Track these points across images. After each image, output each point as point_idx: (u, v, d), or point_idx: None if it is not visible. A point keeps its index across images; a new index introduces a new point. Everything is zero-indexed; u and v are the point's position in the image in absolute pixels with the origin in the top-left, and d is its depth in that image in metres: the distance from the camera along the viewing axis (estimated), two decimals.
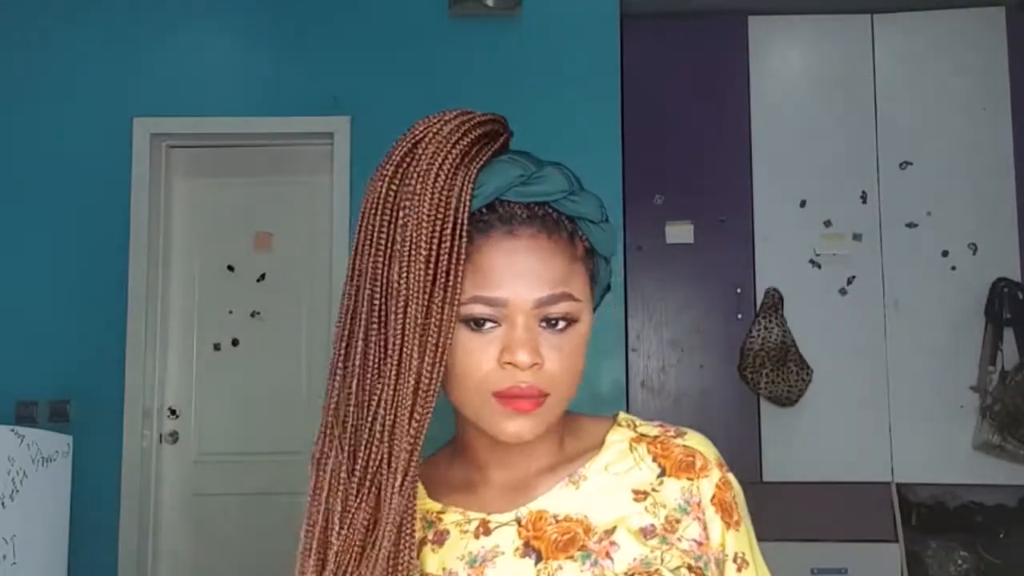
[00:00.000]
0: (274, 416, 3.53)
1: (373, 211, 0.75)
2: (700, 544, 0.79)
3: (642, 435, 0.85)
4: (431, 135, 0.75)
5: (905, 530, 3.33)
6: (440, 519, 0.82)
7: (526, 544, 0.79)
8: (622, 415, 0.88)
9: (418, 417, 0.72)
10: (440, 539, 0.81)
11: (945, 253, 3.48)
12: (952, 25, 3.60)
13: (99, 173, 3.50)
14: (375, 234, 0.74)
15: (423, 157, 0.74)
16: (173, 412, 3.56)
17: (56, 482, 3.03)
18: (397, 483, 0.71)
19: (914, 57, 3.61)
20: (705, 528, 0.80)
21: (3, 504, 2.47)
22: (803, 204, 3.55)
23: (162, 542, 3.50)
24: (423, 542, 0.81)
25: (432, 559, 0.80)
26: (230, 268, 3.60)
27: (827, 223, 3.53)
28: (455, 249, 0.72)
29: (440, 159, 0.73)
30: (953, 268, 3.47)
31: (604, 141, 3.47)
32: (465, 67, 3.52)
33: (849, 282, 3.51)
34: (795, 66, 3.69)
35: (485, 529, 0.80)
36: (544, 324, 0.75)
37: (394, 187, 0.74)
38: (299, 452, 3.51)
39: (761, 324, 3.43)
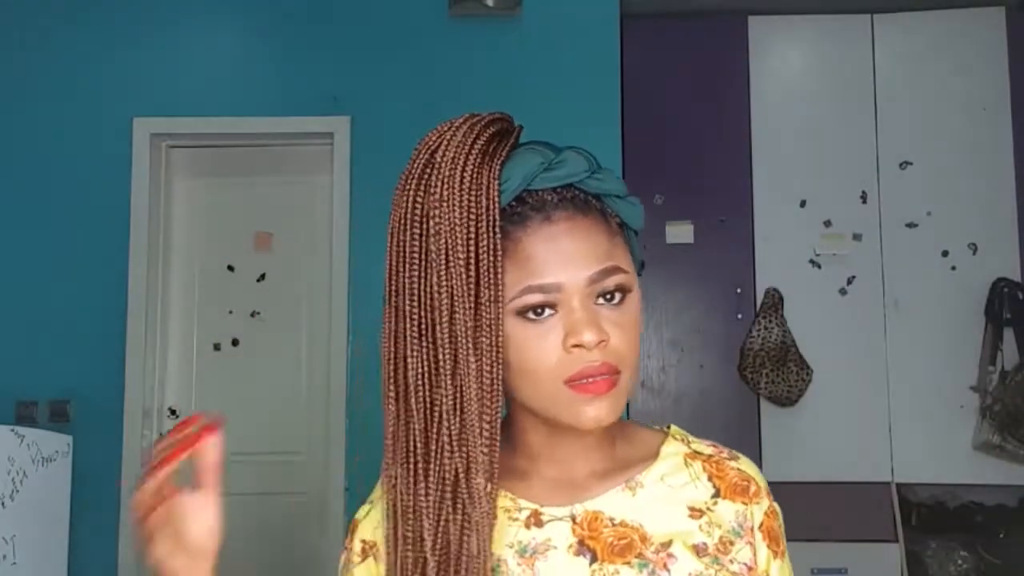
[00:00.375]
0: (274, 416, 3.53)
1: (401, 227, 0.75)
2: (750, 569, 0.80)
3: (696, 452, 0.86)
4: (446, 142, 0.75)
5: (905, 530, 3.33)
6: None
7: (580, 542, 0.79)
8: (674, 428, 0.88)
9: (488, 419, 0.73)
10: None
11: (945, 253, 3.48)
12: (952, 25, 3.60)
13: (99, 173, 3.50)
14: (407, 249, 0.74)
15: (443, 164, 0.74)
16: (173, 412, 3.56)
17: (56, 482, 3.03)
18: (483, 488, 0.72)
19: (914, 57, 3.61)
20: (755, 554, 0.81)
21: (3, 504, 2.47)
22: (803, 204, 3.56)
23: None
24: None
25: None
26: (230, 268, 3.60)
27: (827, 223, 3.53)
28: (492, 246, 0.72)
29: (461, 162, 0.74)
30: (953, 268, 3.47)
31: (604, 141, 3.46)
32: (465, 67, 3.52)
33: (849, 282, 3.51)
34: (795, 66, 3.69)
35: (537, 520, 0.80)
36: (601, 301, 0.76)
37: (419, 199, 0.74)
38: (299, 452, 3.52)
39: (761, 324, 3.43)
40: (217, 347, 3.57)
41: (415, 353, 0.74)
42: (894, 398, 3.44)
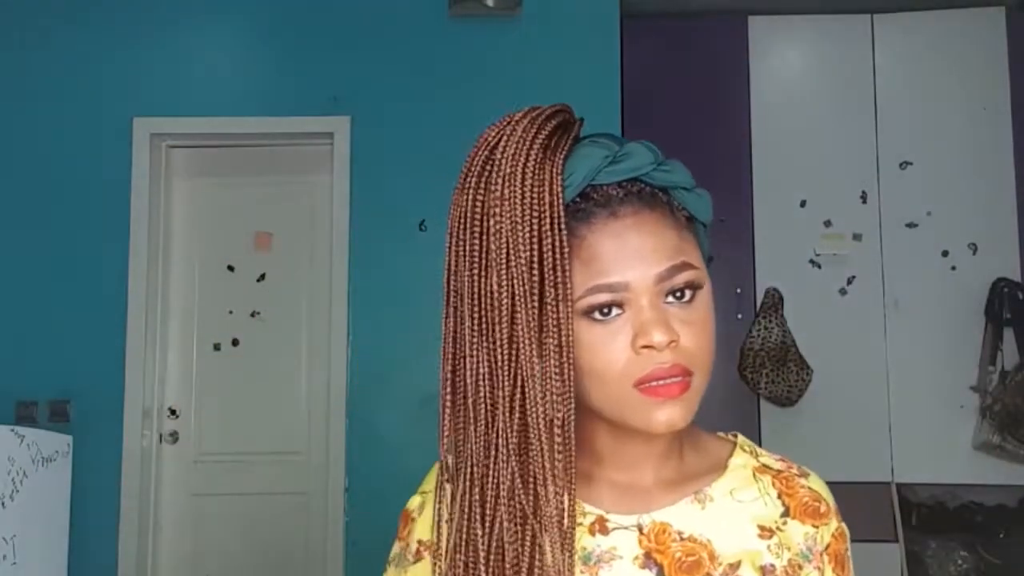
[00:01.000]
0: (274, 416, 3.53)
1: (461, 226, 0.73)
2: None
3: (765, 466, 0.83)
4: (506, 137, 0.73)
5: (905, 530, 3.33)
6: None
7: (647, 555, 0.76)
8: (741, 438, 0.86)
9: (560, 423, 0.70)
10: None
11: (945, 253, 3.48)
12: (952, 25, 3.60)
13: (99, 173, 3.50)
14: (467, 248, 0.72)
15: (504, 160, 0.71)
16: (173, 412, 3.56)
17: (56, 482, 3.03)
18: (551, 495, 0.69)
19: (914, 57, 3.61)
20: None
21: (3, 504, 2.47)
22: (803, 204, 3.56)
23: (162, 542, 3.50)
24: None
25: None
26: (230, 268, 3.60)
27: (827, 223, 3.53)
28: (558, 244, 0.69)
29: (523, 158, 0.71)
30: (953, 268, 3.47)
31: None
32: (465, 67, 3.52)
33: (849, 282, 3.51)
34: (795, 66, 3.69)
35: (602, 528, 0.77)
36: (670, 299, 0.72)
37: (480, 197, 0.72)
38: (299, 452, 3.52)
39: (761, 324, 3.43)
40: (217, 347, 3.58)
41: (474, 354, 0.71)
42: (894, 398, 3.44)
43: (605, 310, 0.71)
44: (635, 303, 0.71)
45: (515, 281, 0.69)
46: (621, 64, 3.55)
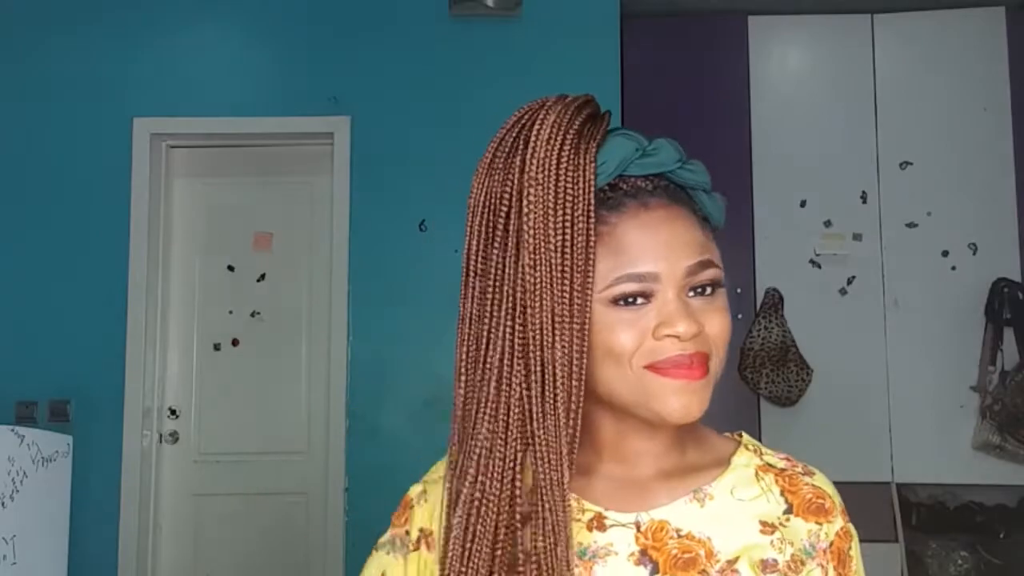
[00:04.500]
0: (274, 416, 3.53)
1: (488, 207, 0.72)
2: None
3: (769, 464, 0.82)
4: (540, 119, 0.72)
5: (905, 530, 3.33)
6: None
7: (643, 552, 0.76)
8: (746, 437, 0.85)
9: (573, 410, 0.70)
10: None
11: (945, 253, 3.48)
12: (952, 25, 3.59)
13: (99, 173, 3.49)
14: (495, 228, 0.72)
15: (538, 143, 0.71)
16: (173, 412, 3.56)
17: (56, 482, 3.03)
18: (561, 488, 0.69)
19: (914, 57, 3.61)
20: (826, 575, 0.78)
21: (3, 504, 2.46)
22: (803, 204, 3.55)
23: (162, 542, 3.50)
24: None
25: None
26: (230, 268, 3.60)
27: (827, 223, 3.53)
28: (588, 231, 0.70)
29: (558, 142, 0.71)
30: (953, 268, 3.47)
31: None
32: (465, 67, 3.52)
33: (849, 282, 3.51)
34: (795, 66, 3.69)
35: (600, 524, 0.77)
36: (692, 294, 0.73)
37: (512, 178, 0.71)
38: (299, 452, 3.52)
39: (761, 324, 3.43)
40: (217, 347, 3.57)
41: (506, 335, 0.70)
42: (894, 398, 3.44)
43: (631, 299, 0.71)
44: (662, 294, 0.72)
45: (545, 265, 0.69)
46: (621, 64, 3.55)
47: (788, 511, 0.79)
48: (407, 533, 0.83)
